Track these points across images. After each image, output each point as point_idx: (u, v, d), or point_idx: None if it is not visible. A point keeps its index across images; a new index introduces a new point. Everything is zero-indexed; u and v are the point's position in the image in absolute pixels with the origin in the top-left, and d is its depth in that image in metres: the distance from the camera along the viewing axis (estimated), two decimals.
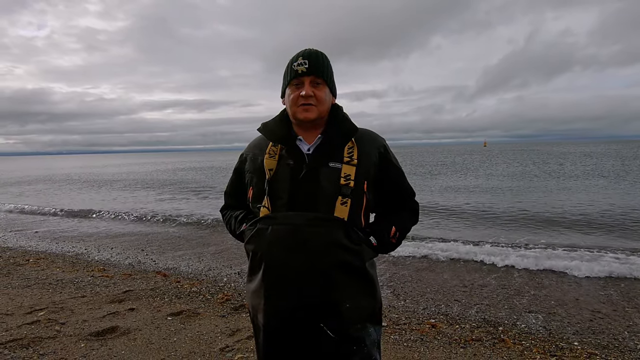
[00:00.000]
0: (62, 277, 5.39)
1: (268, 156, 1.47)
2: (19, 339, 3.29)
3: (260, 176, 1.49)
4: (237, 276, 5.76)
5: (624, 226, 9.26)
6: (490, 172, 27.36)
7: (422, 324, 3.95)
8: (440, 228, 9.64)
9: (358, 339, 1.40)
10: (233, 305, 4.34)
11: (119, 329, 3.57)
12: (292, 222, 1.37)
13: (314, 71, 1.42)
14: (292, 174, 1.42)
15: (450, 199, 14.42)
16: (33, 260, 6.55)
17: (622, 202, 12.76)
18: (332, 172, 1.41)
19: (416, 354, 3.23)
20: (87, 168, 54.29)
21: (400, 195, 1.58)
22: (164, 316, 3.93)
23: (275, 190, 1.43)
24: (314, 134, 1.49)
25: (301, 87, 1.43)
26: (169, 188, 22.41)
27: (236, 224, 1.61)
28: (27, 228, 10.43)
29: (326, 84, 1.46)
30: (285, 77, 1.48)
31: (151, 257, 7.10)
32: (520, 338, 3.64)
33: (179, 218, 11.51)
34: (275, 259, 1.38)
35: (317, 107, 1.44)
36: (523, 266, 6.00)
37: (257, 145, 1.58)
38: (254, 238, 1.44)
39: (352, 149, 1.45)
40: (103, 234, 9.49)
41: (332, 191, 1.39)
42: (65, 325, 3.63)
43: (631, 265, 5.73)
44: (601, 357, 3.26)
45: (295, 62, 1.43)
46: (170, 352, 3.16)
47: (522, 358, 3.19)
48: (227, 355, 3.12)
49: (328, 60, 1.48)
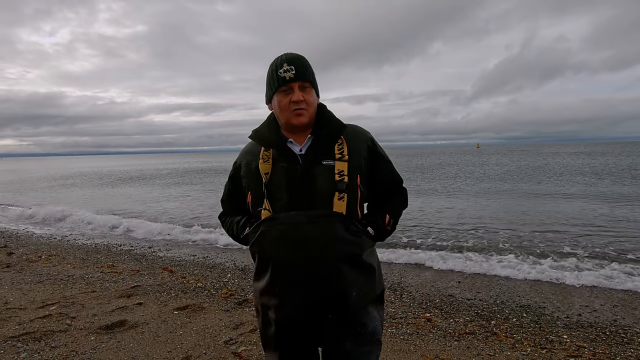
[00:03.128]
0: (73, 273, 5.38)
1: (262, 161, 1.47)
2: (32, 332, 3.29)
3: (256, 181, 1.47)
4: (241, 272, 5.77)
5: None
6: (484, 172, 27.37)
7: (418, 318, 3.96)
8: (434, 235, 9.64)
9: (364, 322, 1.43)
10: (237, 300, 4.34)
11: (127, 322, 3.56)
12: (294, 221, 1.37)
13: (301, 76, 1.41)
14: (287, 175, 1.42)
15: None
16: (45, 257, 6.55)
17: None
18: (326, 169, 1.41)
19: (412, 347, 3.23)
20: (120, 167, 54.27)
21: (391, 184, 1.60)
22: (171, 310, 3.93)
23: (274, 192, 1.43)
24: (303, 136, 1.48)
25: (290, 93, 1.42)
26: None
27: (239, 229, 1.59)
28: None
29: (312, 86, 1.46)
30: (272, 84, 1.45)
31: (158, 254, 7.11)
32: (512, 331, 3.64)
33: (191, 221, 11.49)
34: (282, 258, 1.39)
35: (308, 111, 1.44)
36: (520, 270, 5.72)
37: (249, 151, 1.56)
38: (258, 240, 1.44)
39: (341, 146, 1.45)
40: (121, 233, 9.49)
41: (328, 188, 1.39)
42: (76, 319, 3.63)
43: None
44: (589, 349, 3.26)
45: (280, 69, 1.42)
46: (176, 344, 3.16)
47: (514, 350, 3.19)
48: (232, 347, 3.12)
49: (309, 62, 1.47)
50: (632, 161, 35.09)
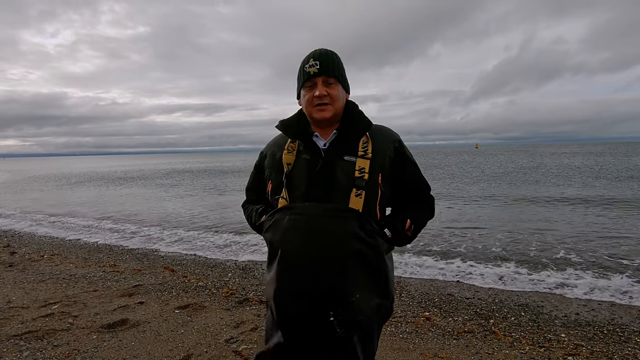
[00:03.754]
0: (75, 272, 5.38)
1: (286, 152, 1.48)
2: (34, 330, 3.29)
3: (278, 170, 1.49)
4: (242, 272, 5.76)
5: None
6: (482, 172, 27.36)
7: (417, 317, 3.96)
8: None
9: (362, 328, 1.37)
10: (237, 299, 4.34)
11: (129, 321, 3.56)
12: (308, 212, 1.36)
13: (325, 71, 1.42)
14: (308, 167, 1.42)
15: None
16: (47, 256, 6.55)
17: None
18: (347, 165, 1.40)
19: (411, 345, 3.23)
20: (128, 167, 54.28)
21: (416, 189, 1.56)
22: (172, 309, 3.93)
23: (293, 183, 1.43)
24: (329, 130, 1.49)
25: (314, 87, 1.43)
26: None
27: (256, 216, 1.60)
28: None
29: (338, 82, 1.45)
30: (299, 80, 1.48)
31: (159, 254, 7.11)
32: (510, 330, 3.64)
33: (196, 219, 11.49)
34: (290, 247, 1.37)
35: (332, 105, 1.44)
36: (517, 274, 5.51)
37: (275, 143, 1.58)
38: (271, 227, 1.44)
39: (366, 144, 1.44)
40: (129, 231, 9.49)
41: (346, 183, 1.38)
42: (78, 317, 3.63)
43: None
44: (587, 348, 3.26)
45: (306, 64, 1.43)
46: (177, 343, 3.16)
47: (512, 349, 3.19)
48: (232, 346, 3.12)
49: (339, 59, 1.47)
50: (630, 162, 35.08)
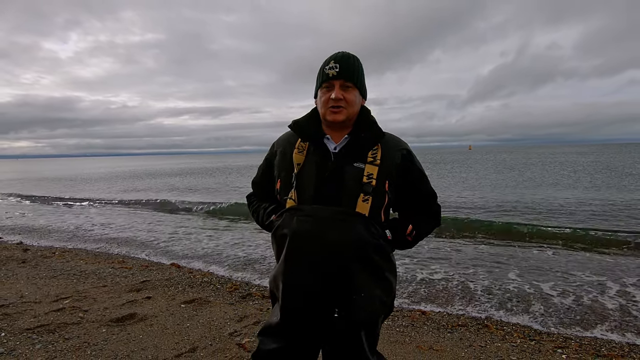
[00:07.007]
0: (85, 268, 5.38)
1: (297, 151, 1.44)
2: (46, 324, 3.29)
3: (288, 169, 1.45)
4: (244, 267, 5.76)
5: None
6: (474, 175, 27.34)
7: (413, 311, 3.96)
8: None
9: (367, 324, 1.38)
10: (241, 294, 4.34)
11: (137, 315, 3.56)
12: (317, 215, 1.35)
13: (344, 75, 1.38)
14: (318, 170, 1.39)
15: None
16: (59, 253, 6.55)
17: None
18: (356, 171, 1.38)
19: (407, 338, 3.23)
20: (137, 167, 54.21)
21: (422, 197, 1.53)
22: (178, 304, 3.92)
23: (302, 184, 1.41)
24: (341, 134, 1.45)
25: (331, 89, 1.39)
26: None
27: (265, 215, 1.57)
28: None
29: (356, 87, 1.41)
30: (318, 80, 1.45)
31: (166, 250, 7.10)
32: (502, 324, 3.64)
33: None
34: (297, 248, 1.35)
35: (347, 109, 1.40)
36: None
37: (287, 139, 1.53)
38: (280, 227, 1.42)
39: (376, 150, 1.42)
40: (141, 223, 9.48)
41: (354, 189, 1.36)
42: (88, 312, 3.63)
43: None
44: (575, 341, 3.26)
45: (327, 66, 1.40)
46: (183, 336, 3.16)
47: (504, 342, 3.19)
48: (236, 339, 3.12)
49: (359, 63, 1.43)
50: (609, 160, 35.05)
